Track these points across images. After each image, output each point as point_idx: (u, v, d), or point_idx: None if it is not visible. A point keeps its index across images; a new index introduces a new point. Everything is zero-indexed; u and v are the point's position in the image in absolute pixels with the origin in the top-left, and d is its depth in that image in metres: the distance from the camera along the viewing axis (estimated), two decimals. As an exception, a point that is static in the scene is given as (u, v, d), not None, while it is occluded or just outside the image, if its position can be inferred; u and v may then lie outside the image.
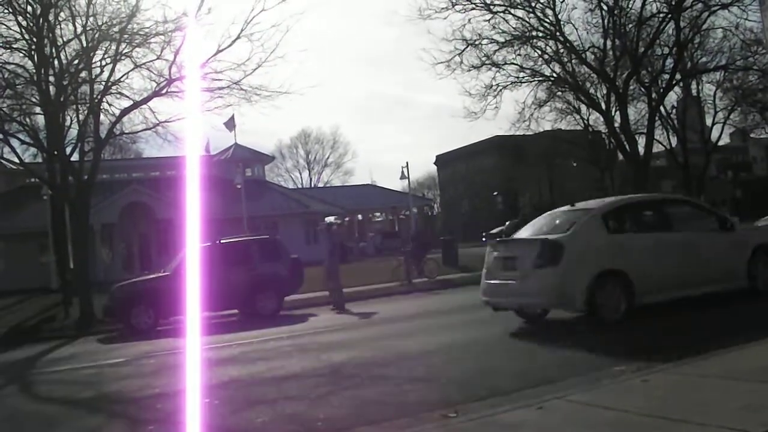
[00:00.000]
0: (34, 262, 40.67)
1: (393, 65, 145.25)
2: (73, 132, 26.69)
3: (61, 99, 24.96)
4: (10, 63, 26.10)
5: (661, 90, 40.49)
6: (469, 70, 37.09)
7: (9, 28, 25.53)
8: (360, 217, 70.60)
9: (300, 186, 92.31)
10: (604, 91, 40.45)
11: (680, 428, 5.57)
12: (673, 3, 36.05)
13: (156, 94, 25.47)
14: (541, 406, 6.67)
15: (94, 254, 37.50)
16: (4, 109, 25.53)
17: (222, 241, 21.03)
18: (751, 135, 65.45)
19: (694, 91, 51.78)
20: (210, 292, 19.05)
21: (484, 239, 63.61)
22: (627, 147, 38.93)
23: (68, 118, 26.09)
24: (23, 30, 25.46)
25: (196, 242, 19.22)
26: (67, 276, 26.68)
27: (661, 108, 43.44)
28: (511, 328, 12.80)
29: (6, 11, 25.11)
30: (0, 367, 15.07)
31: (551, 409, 6.54)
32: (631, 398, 6.56)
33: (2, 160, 39.31)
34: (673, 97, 46.28)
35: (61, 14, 25.04)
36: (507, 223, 65.62)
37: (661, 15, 37.52)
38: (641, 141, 40.75)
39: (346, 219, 71.28)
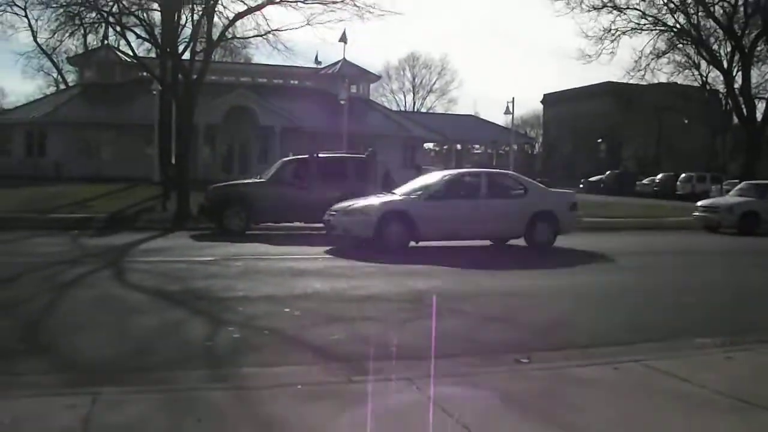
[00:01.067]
0: (140, 154, 42.11)
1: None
2: (187, 31, 27.19)
3: (177, -3, 25.32)
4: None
5: (792, 54, 38.48)
6: (589, 11, 36.25)
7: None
8: (459, 147, 70.05)
9: (403, 109, 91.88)
10: (729, 49, 38.74)
11: (759, 415, 5.38)
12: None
13: (271, 1, 25.54)
14: (617, 366, 6.59)
15: (195, 152, 38.44)
16: (124, 2, 26.05)
17: (319, 155, 21.19)
18: None
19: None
20: (302, 204, 19.38)
21: (581, 186, 62.55)
22: (744, 110, 37.36)
23: (183, 17, 26.53)
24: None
25: (294, 154, 19.45)
26: (169, 171, 27.47)
27: (788, 73, 41.31)
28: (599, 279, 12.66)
29: None
30: (97, 250, 15.76)
31: (626, 371, 6.45)
32: (710, 374, 6.36)
33: (118, 52, 40.44)
34: (802, 63, 43.78)
35: None
36: (608, 173, 64.15)
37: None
38: (761, 106, 39.04)
39: (445, 147, 70.98)
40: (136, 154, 42.66)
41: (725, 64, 38.84)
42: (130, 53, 30.01)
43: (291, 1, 25.65)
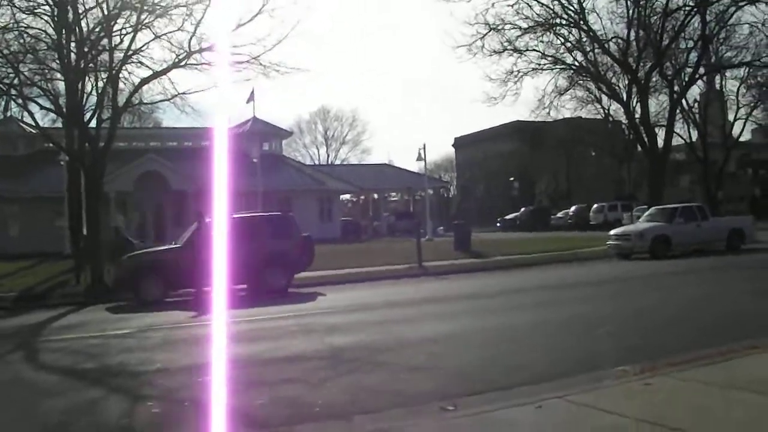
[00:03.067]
0: (49, 227, 40.92)
1: (415, 46, 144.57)
2: (93, 99, 26.79)
3: (82, 66, 24.99)
4: (32, 27, 26.15)
5: (684, 83, 40.22)
6: (491, 55, 37.08)
7: (33, -9, 25.59)
8: (375, 196, 70.48)
9: (317, 162, 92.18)
10: (626, 82, 40.24)
11: (678, 436, 5.49)
12: (701, -4, 35.74)
13: (175, 65, 25.45)
14: (540, 405, 6.61)
15: (107, 222, 37.65)
16: (26, 73, 25.57)
17: (234, 216, 21.01)
18: (773, 132, 64.86)
19: (717, 86, 51.32)
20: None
21: (499, 224, 63.60)
22: (646, 139, 38.75)
23: (89, 84, 26.17)
24: (46, -6, 25.49)
25: (208, 215, 19.21)
26: (80, 242, 26.79)
27: (683, 101, 43.07)
28: (517, 318, 12.79)
29: (30, -25, 25.15)
30: (9, 331, 15.17)
31: (550, 409, 6.49)
32: (631, 402, 6.48)
33: (21, 124, 39.53)
34: (695, 91, 45.91)
35: (85, -19, 25.00)
36: (522, 209, 65.41)
37: (687, 8, 37.24)
38: (661, 134, 40.54)
39: (362, 197, 71.25)
40: (46, 228, 41.41)
41: (624, 97, 40.30)
42: (34, 124, 29.38)
43: (196, 65, 25.63)
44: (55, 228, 39.48)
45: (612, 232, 28.57)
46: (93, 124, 25.60)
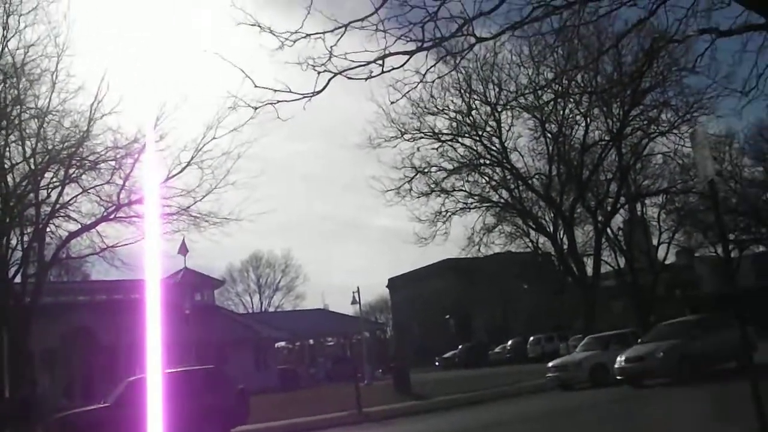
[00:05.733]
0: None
1: (345, 189, 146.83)
2: (18, 254, 26.24)
3: (7, 221, 24.64)
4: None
5: (607, 213, 41.49)
6: (419, 197, 37.86)
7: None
8: (312, 342, 69.68)
9: (251, 310, 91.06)
10: (552, 215, 41.32)
11: None
12: (614, 131, 37.48)
13: (104, 218, 25.33)
14: None
15: (33, 380, 36.07)
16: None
17: (166, 371, 20.35)
18: (696, 254, 66.86)
19: (639, 213, 53.05)
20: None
21: (437, 364, 63.07)
22: (575, 269, 39.50)
23: (13, 239, 25.73)
24: (-30, 151, 25.36)
25: (139, 371, 18.60)
26: (2, 406, 25.53)
27: (608, 230, 44.29)
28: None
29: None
30: None
31: None
32: None
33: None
34: (619, 219, 47.25)
35: (11, 136, 25.05)
36: (460, 347, 65.16)
37: (603, 142, 38.96)
38: (589, 263, 41.37)
39: (297, 344, 70.28)
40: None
41: (551, 229, 41.24)
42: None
43: (125, 218, 25.53)
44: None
45: (550, 364, 28.51)
46: (18, 279, 25.01)
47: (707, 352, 22.63)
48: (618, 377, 23.84)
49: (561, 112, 37.96)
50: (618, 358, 24.35)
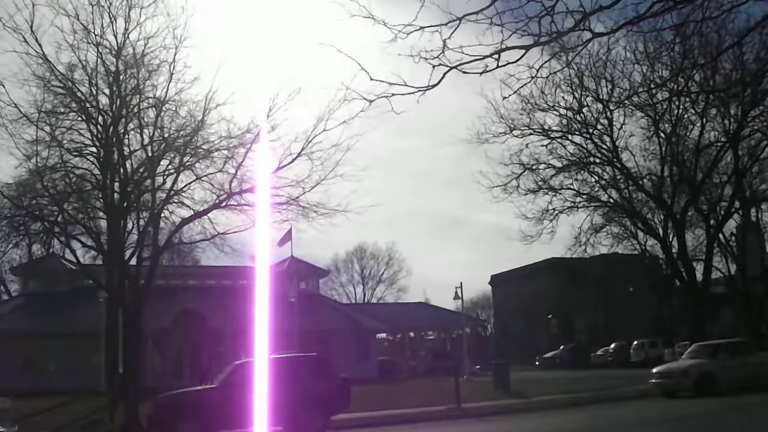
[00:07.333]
0: (86, 363, 40.84)
1: (450, 184, 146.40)
2: (134, 237, 27.33)
3: (124, 205, 25.69)
4: (78, 168, 27.13)
5: (720, 217, 40.09)
6: (526, 194, 37.45)
7: (80, 133, 26.74)
8: (412, 334, 69.90)
9: (354, 301, 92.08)
10: (662, 218, 40.22)
11: None
12: (731, 132, 36.14)
13: (216, 206, 26.06)
14: None
15: (144, 359, 37.57)
16: (69, 211, 26.28)
17: (272, 357, 20.89)
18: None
19: (753, 218, 51.01)
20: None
21: (537, 363, 62.34)
22: (684, 274, 38.34)
23: (130, 223, 26.78)
24: (93, 138, 26.58)
25: (245, 355, 19.12)
26: (116, 380, 26.72)
27: (720, 235, 42.79)
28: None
29: (79, 119, 26.32)
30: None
31: None
32: None
33: (63, 261, 40.27)
34: (732, 224, 45.56)
35: (130, 124, 26.07)
36: (561, 347, 64.25)
37: (719, 144, 37.61)
38: (699, 268, 40.10)
39: (398, 336, 70.67)
40: (83, 364, 41.29)
41: (660, 232, 40.16)
42: (75, 261, 29.92)
43: (236, 206, 26.22)
44: (92, 364, 39.44)
45: (654, 369, 27.80)
46: (133, 262, 26.00)
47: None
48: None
49: (676, 112, 36.92)
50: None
